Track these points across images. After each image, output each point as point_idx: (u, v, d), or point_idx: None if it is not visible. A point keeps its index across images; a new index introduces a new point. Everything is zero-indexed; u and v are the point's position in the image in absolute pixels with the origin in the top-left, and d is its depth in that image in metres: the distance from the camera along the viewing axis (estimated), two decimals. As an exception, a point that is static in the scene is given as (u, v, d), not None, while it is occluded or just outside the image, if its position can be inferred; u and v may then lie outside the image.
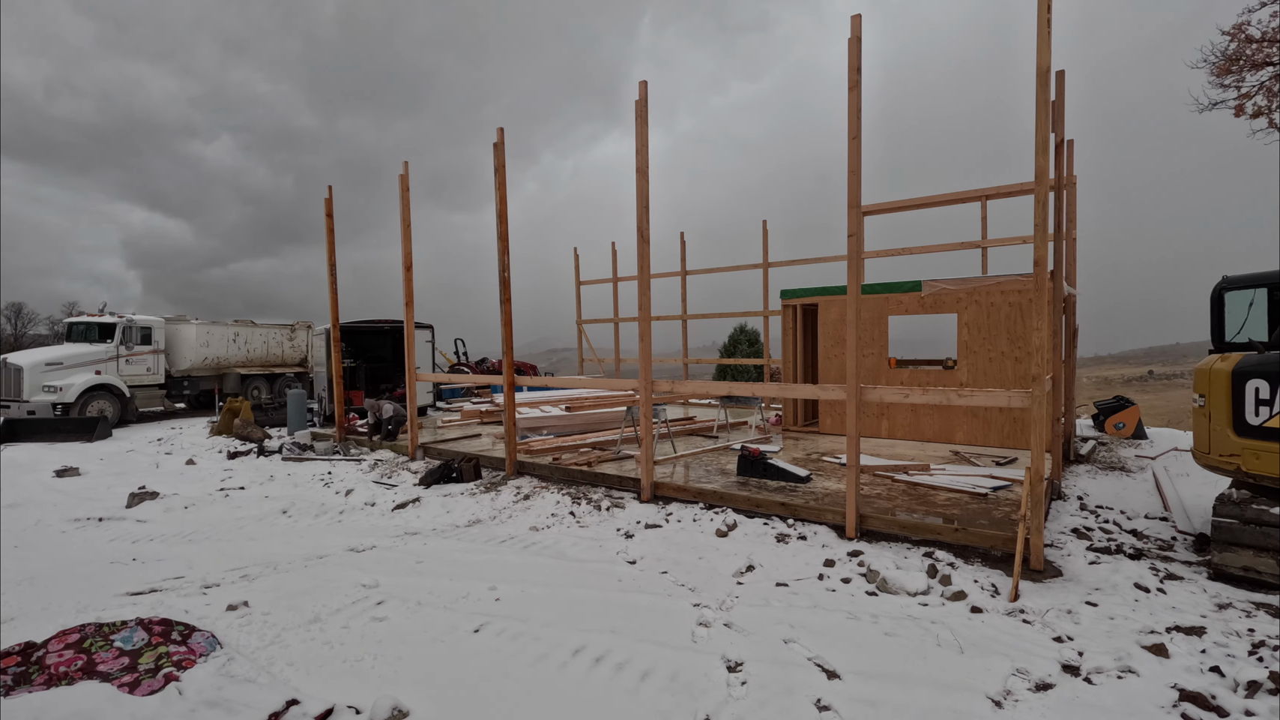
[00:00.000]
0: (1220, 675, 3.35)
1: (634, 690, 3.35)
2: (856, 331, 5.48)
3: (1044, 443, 4.82)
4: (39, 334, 44.86)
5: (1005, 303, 9.16)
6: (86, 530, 6.81)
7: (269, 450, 11.28)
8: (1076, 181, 9.28)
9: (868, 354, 10.24)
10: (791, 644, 3.80)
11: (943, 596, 4.46)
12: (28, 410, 13.83)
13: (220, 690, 3.30)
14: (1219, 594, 4.38)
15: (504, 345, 8.66)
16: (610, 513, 6.69)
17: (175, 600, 4.62)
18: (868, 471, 7.44)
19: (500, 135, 8.36)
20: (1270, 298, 4.90)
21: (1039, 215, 4.74)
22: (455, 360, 21.88)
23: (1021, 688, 3.33)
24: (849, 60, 5.33)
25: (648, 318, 7.00)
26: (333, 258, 11.64)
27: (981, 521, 5.47)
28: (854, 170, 5.42)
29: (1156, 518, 6.20)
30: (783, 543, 5.60)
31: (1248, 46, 10.31)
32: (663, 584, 4.83)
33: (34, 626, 4.09)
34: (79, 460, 10.65)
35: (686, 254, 16.21)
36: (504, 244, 8.52)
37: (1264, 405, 4.48)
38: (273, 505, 7.62)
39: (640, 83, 6.76)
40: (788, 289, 11.24)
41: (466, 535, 6.30)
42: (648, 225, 6.87)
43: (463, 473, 8.39)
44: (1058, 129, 7.06)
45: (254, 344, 19.13)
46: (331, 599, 4.59)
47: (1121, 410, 11.06)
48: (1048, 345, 5.53)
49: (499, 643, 3.90)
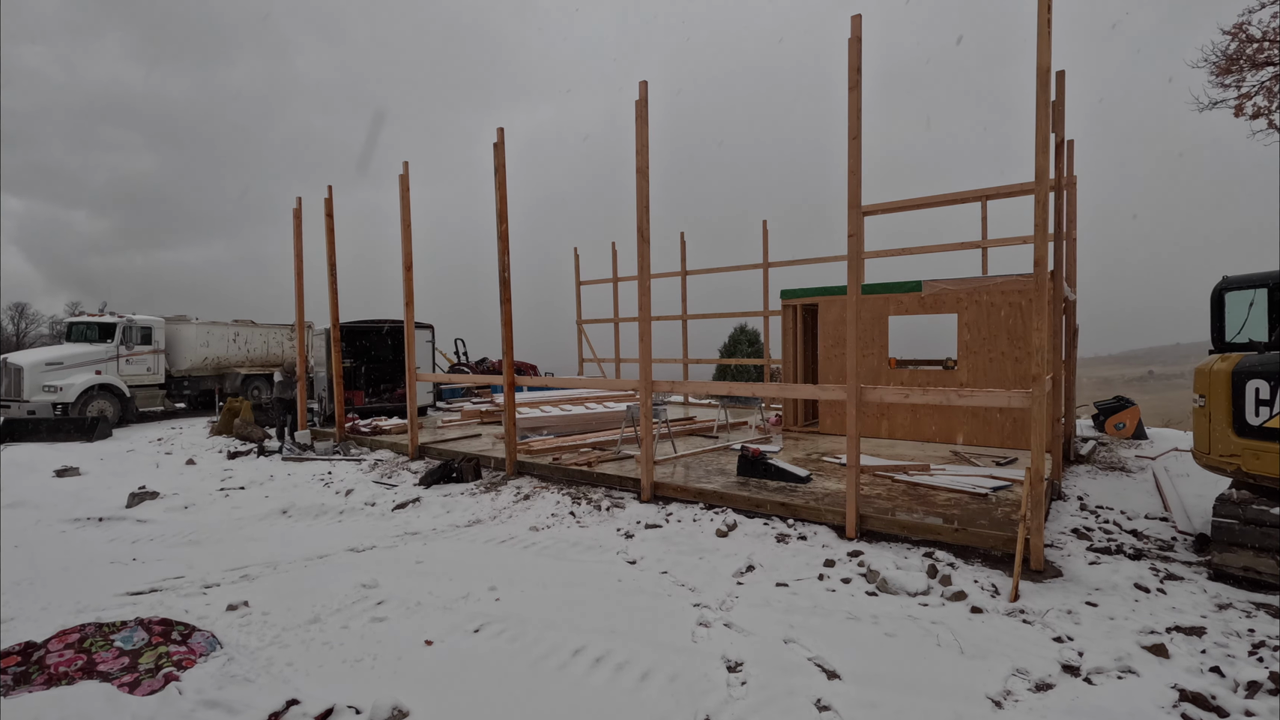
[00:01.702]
0: (1220, 675, 3.35)
1: (634, 690, 3.35)
2: (857, 332, 5.48)
3: (1044, 443, 4.82)
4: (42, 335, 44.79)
5: (1005, 303, 9.16)
6: (86, 530, 6.81)
7: (269, 450, 11.28)
8: (1076, 181, 9.28)
9: (868, 354, 10.24)
10: (791, 644, 3.80)
11: (943, 597, 4.46)
12: (28, 410, 13.83)
13: (220, 690, 3.30)
14: (1219, 594, 4.38)
15: (504, 345, 8.66)
16: (610, 513, 6.69)
17: (175, 600, 4.62)
18: (868, 471, 7.44)
19: (500, 135, 8.37)
20: (1270, 298, 4.89)
21: (1039, 215, 4.74)
22: (455, 360, 21.88)
23: (1021, 688, 3.33)
24: (849, 60, 5.33)
25: (648, 318, 7.00)
26: (332, 257, 11.63)
27: (981, 522, 5.47)
28: (854, 170, 5.42)
29: (1157, 518, 6.20)
30: (783, 543, 5.60)
31: (1248, 46, 10.30)
32: (663, 584, 4.83)
33: (34, 626, 4.09)
34: (79, 460, 10.65)
35: (686, 254, 16.22)
36: (504, 244, 8.52)
37: (1264, 405, 4.48)
38: (273, 505, 7.62)
39: (640, 83, 6.76)
40: (788, 289, 11.25)
41: (466, 535, 6.30)
42: (648, 225, 6.87)
43: (463, 473, 8.39)
44: (1058, 129, 7.06)
45: (254, 344, 19.13)
46: (331, 599, 4.59)
47: (1122, 410, 11.06)
48: (1048, 345, 5.52)
49: (499, 643, 3.90)
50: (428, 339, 16.19)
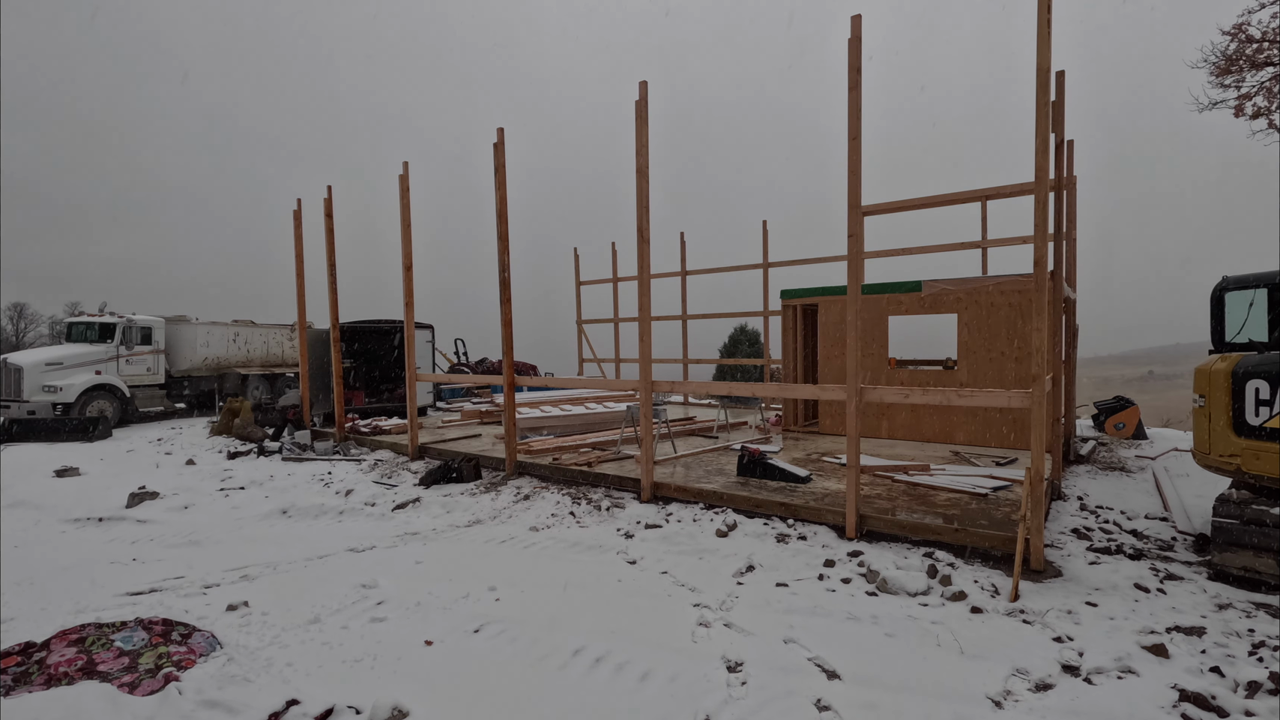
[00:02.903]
0: (1220, 676, 3.35)
1: (634, 691, 3.35)
2: (857, 332, 5.48)
3: (1044, 443, 4.82)
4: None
5: (1005, 303, 9.16)
6: (86, 530, 6.81)
7: (269, 450, 11.27)
8: (1076, 181, 9.28)
9: (868, 354, 10.24)
10: (791, 644, 3.80)
11: (943, 597, 4.46)
12: (28, 410, 13.83)
13: (220, 690, 3.31)
14: (1219, 594, 4.38)
15: (504, 345, 8.66)
16: (610, 513, 6.69)
17: (175, 600, 4.62)
18: (868, 472, 7.44)
19: (500, 135, 8.37)
20: (1270, 298, 4.89)
21: (1039, 215, 4.74)
22: (455, 360, 21.88)
23: (1022, 688, 3.33)
24: (849, 61, 5.34)
25: (648, 318, 7.00)
26: (332, 257, 11.64)
27: (981, 522, 5.47)
28: (854, 170, 5.42)
29: (1156, 518, 6.20)
30: (783, 543, 5.60)
31: (1248, 46, 10.30)
32: (663, 584, 4.83)
33: (34, 626, 4.09)
34: (79, 460, 10.64)
35: (686, 254, 16.22)
36: (504, 244, 8.52)
37: (1264, 405, 4.48)
38: (272, 505, 7.62)
39: (640, 83, 6.76)
40: (788, 289, 11.25)
41: (466, 536, 6.30)
42: (648, 225, 6.87)
43: (463, 473, 8.39)
44: (1058, 129, 7.06)
45: (254, 344, 19.12)
46: (331, 599, 4.59)
47: (1121, 410, 11.06)
48: (1048, 345, 5.52)
49: (499, 643, 3.90)
50: (428, 339, 16.19)
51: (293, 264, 12.93)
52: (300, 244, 12.71)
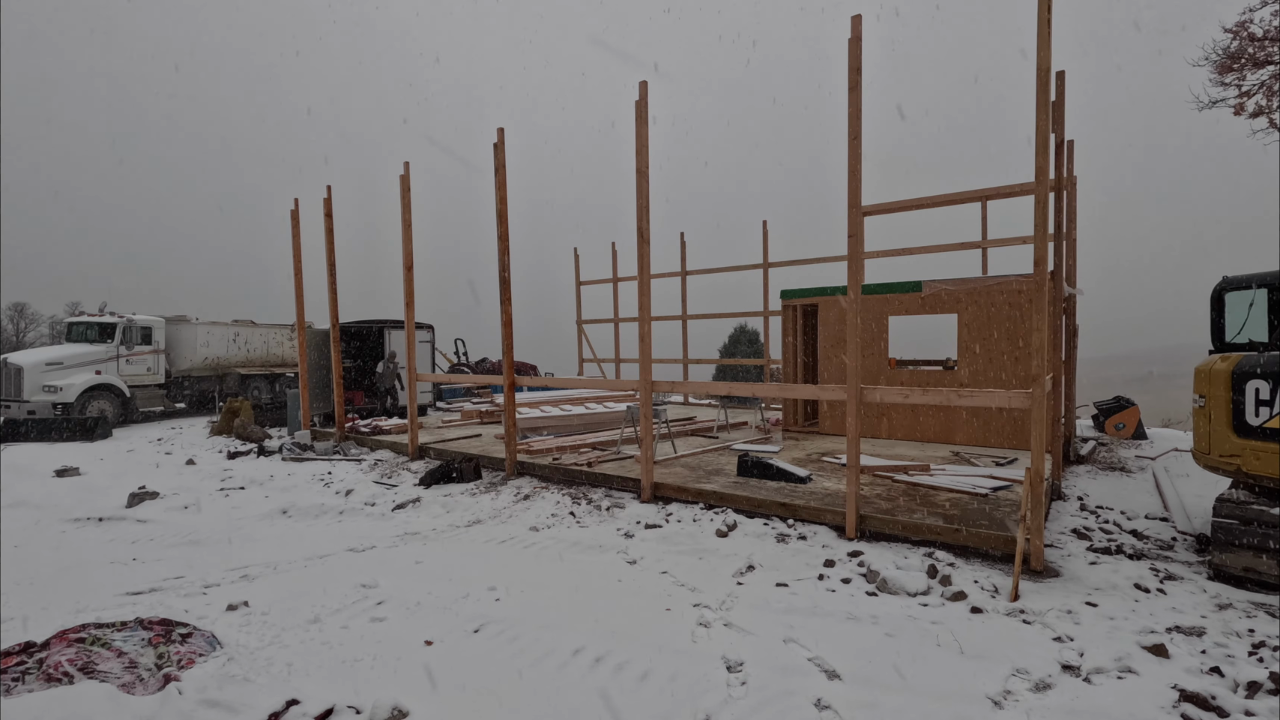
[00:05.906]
0: (1220, 676, 3.35)
1: (634, 690, 3.35)
2: (857, 332, 5.48)
3: (1044, 443, 4.82)
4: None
5: (1005, 303, 9.16)
6: (86, 530, 6.81)
7: (269, 450, 11.28)
8: (1076, 181, 9.28)
9: (868, 354, 10.24)
10: (791, 644, 3.80)
11: (943, 597, 4.46)
12: (28, 410, 13.84)
13: (220, 690, 3.30)
14: (1219, 594, 4.38)
15: (504, 345, 8.66)
16: (610, 513, 6.69)
17: (175, 600, 4.62)
18: (868, 472, 7.44)
19: (500, 135, 8.37)
20: (1270, 298, 4.89)
21: (1039, 215, 4.74)
22: (455, 360, 21.88)
23: (1021, 688, 3.33)
24: (849, 61, 5.33)
25: (648, 318, 7.00)
26: (332, 257, 11.63)
27: (981, 522, 5.47)
28: (854, 171, 5.42)
29: (1156, 518, 6.20)
30: (783, 543, 5.60)
31: (1249, 45, 10.29)
32: (663, 584, 4.83)
33: (34, 626, 4.09)
34: (79, 460, 10.65)
35: (686, 254, 16.22)
36: (504, 244, 8.52)
37: (1264, 405, 4.48)
38: (272, 505, 7.62)
39: (640, 83, 6.76)
40: (788, 289, 11.25)
41: (466, 536, 6.30)
42: (648, 226, 6.87)
43: (463, 473, 8.39)
44: (1058, 129, 7.06)
45: (254, 344, 19.14)
46: (331, 599, 4.59)
47: (1121, 410, 11.06)
48: (1048, 345, 5.52)
49: (499, 643, 3.89)
50: (428, 339, 16.19)
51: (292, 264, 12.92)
52: (298, 244, 12.71)
